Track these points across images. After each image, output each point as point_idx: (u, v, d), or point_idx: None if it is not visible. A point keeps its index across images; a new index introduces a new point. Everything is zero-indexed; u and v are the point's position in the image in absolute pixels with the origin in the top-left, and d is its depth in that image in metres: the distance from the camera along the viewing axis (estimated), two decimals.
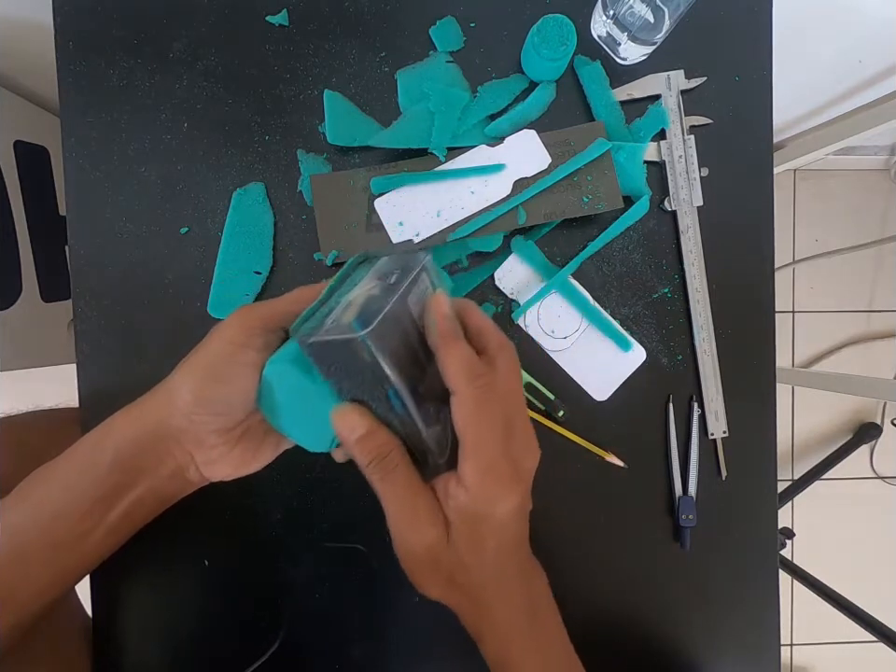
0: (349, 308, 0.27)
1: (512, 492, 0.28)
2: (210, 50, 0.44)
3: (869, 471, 1.24)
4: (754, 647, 0.46)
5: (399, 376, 0.26)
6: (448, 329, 0.28)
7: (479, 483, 0.27)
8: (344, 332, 0.25)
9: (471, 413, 0.27)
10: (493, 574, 0.29)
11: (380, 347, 0.25)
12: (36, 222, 0.71)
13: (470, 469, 0.27)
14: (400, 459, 0.28)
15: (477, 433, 0.27)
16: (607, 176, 0.42)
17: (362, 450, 0.27)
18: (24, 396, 0.62)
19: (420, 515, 0.28)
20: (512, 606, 0.30)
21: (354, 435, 0.27)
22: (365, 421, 0.27)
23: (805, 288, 1.23)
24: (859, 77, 0.77)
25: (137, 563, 0.44)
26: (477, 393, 0.27)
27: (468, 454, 0.27)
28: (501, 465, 0.27)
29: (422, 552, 0.28)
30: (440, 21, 0.43)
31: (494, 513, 0.28)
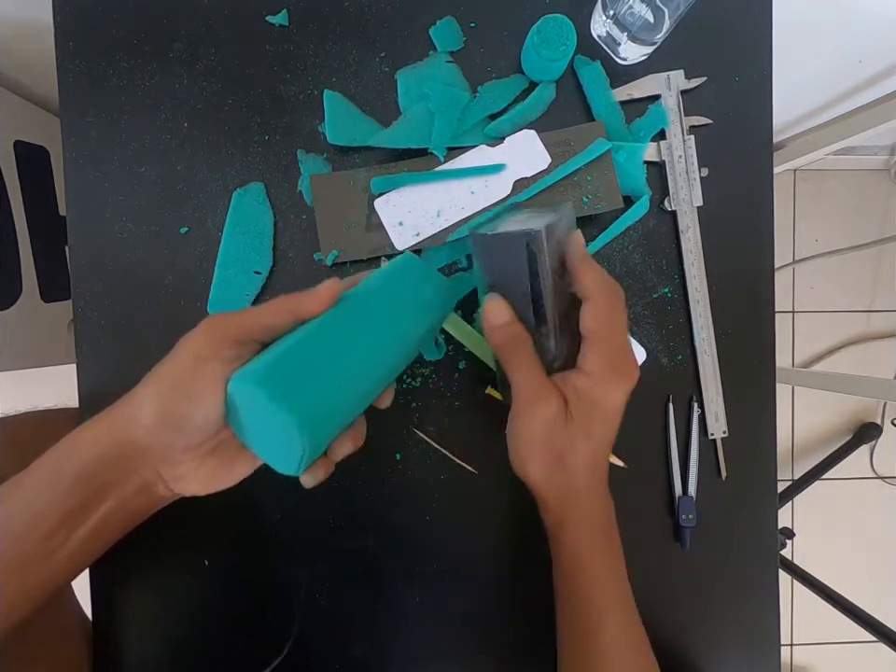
0: (515, 221, 0.32)
1: (625, 382, 0.32)
2: (210, 50, 0.44)
3: (869, 471, 1.24)
4: (754, 647, 0.46)
5: (549, 274, 0.30)
6: (585, 253, 0.32)
7: (601, 369, 0.31)
8: (521, 228, 0.30)
9: (602, 314, 0.31)
10: (591, 465, 0.33)
11: (544, 247, 0.30)
12: (36, 222, 0.71)
13: (596, 359, 0.31)
14: (531, 345, 0.32)
15: (605, 331, 0.31)
16: (607, 176, 0.42)
17: (504, 333, 0.32)
18: (24, 396, 0.62)
19: (545, 389, 0.32)
20: (597, 504, 0.34)
21: (499, 321, 0.32)
22: (509, 311, 0.32)
23: (805, 288, 1.23)
24: (859, 76, 0.77)
25: (137, 563, 0.44)
26: (608, 300, 0.31)
27: (594, 346, 0.31)
28: (620, 360, 0.32)
29: (541, 424, 0.31)
30: (440, 21, 0.43)
31: (608, 399, 0.31)
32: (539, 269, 0.30)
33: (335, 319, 0.30)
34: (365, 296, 0.32)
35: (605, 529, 0.35)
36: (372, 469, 0.44)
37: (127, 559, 0.43)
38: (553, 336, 0.33)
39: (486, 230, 0.31)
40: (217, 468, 0.31)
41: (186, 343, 0.29)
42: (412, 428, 0.44)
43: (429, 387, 0.44)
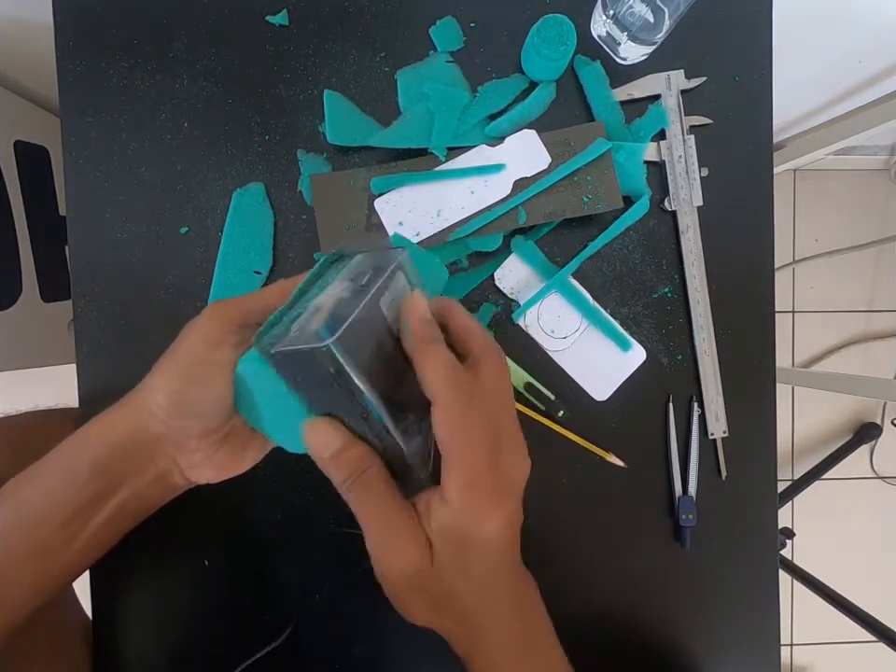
0: (316, 314, 0.25)
1: (499, 509, 0.26)
2: (210, 50, 0.44)
3: (869, 471, 1.24)
4: (754, 647, 0.46)
5: (371, 387, 0.24)
6: (425, 332, 0.26)
7: (463, 500, 0.25)
8: (309, 341, 0.23)
9: (453, 424, 0.25)
10: (481, 598, 0.27)
11: (349, 356, 0.23)
12: (36, 222, 0.71)
13: (453, 484, 0.25)
14: (378, 476, 0.26)
15: (459, 445, 0.25)
16: (607, 176, 0.42)
17: (337, 467, 0.25)
18: (24, 396, 0.62)
19: (401, 536, 0.25)
20: (504, 629, 0.28)
21: (327, 452, 0.25)
22: (338, 435, 0.25)
23: (805, 288, 1.23)
24: (859, 76, 0.77)
25: (137, 563, 0.44)
26: (458, 402, 0.25)
27: (450, 468, 0.25)
28: (487, 479, 0.25)
29: (403, 576, 0.26)
30: (440, 21, 0.43)
31: (480, 532, 0.25)
32: (357, 373, 0.23)
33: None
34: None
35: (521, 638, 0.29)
36: None
37: (127, 559, 0.43)
38: (413, 438, 0.26)
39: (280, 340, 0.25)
40: (230, 455, 0.31)
41: (193, 330, 0.29)
42: None
43: None
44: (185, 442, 0.29)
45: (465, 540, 0.25)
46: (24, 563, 0.30)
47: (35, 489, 0.30)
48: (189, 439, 0.29)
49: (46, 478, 0.30)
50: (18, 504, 0.30)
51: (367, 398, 0.24)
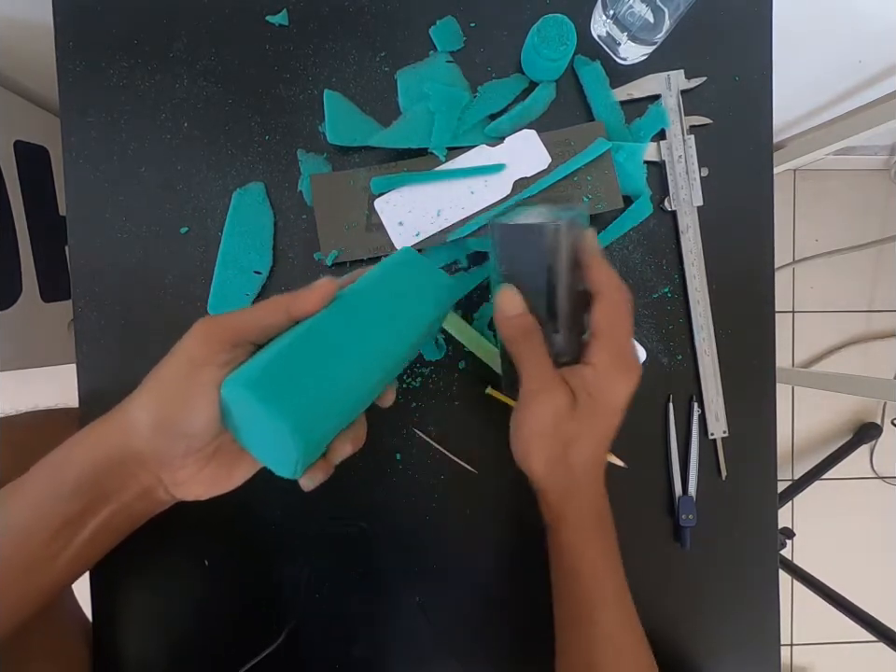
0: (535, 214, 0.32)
1: (631, 378, 0.32)
2: (210, 50, 0.44)
3: (869, 471, 1.24)
4: (754, 647, 0.46)
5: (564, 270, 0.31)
6: (598, 251, 0.32)
7: (608, 364, 0.31)
8: (542, 220, 0.30)
9: (612, 311, 0.32)
10: (592, 460, 0.34)
11: (563, 241, 0.30)
12: (36, 222, 0.71)
13: (603, 351, 0.31)
14: (540, 339, 0.32)
15: (614, 326, 0.32)
16: (607, 176, 0.42)
17: (516, 324, 0.32)
18: (24, 396, 0.62)
19: (554, 381, 0.32)
20: (596, 500, 0.35)
21: (511, 312, 0.32)
22: (521, 303, 0.32)
23: (805, 288, 1.23)
24: (859, 76, 0.77)
25: (137, 563, 0.44)
26: (619, 298, 0.32)
27: (602, 341, 0.32)
28: (627, 354, 0.32)
29: (549, 415, 0.32)
30: (440, 21, 0.43)
31: (614, 393, 0.32)
32: (556, 263, 0.31)
33: (330, 317, 0.30)
34: (361, 293, 0.32)
35: (602, 525, 0.35)
36: (372, 469, 0.44)
37: (127, 560, 0.43)
38: (562, 331, 0.33)
39: (506, 219, 0.32)
40: (218, 471, 0.31)
41: (180, 348, 0.29)
42: (412, 428, 0.44)
43: (429, 387, 0.44)
44: (169, 461, 0.29)
45: (602, 397, 0.32)
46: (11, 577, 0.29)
47: (20, 504, 0.30)
48: (173, 457, 0.29)
49: (31, 494, 0.30)
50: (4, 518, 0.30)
51: (560, 275, 0.31)
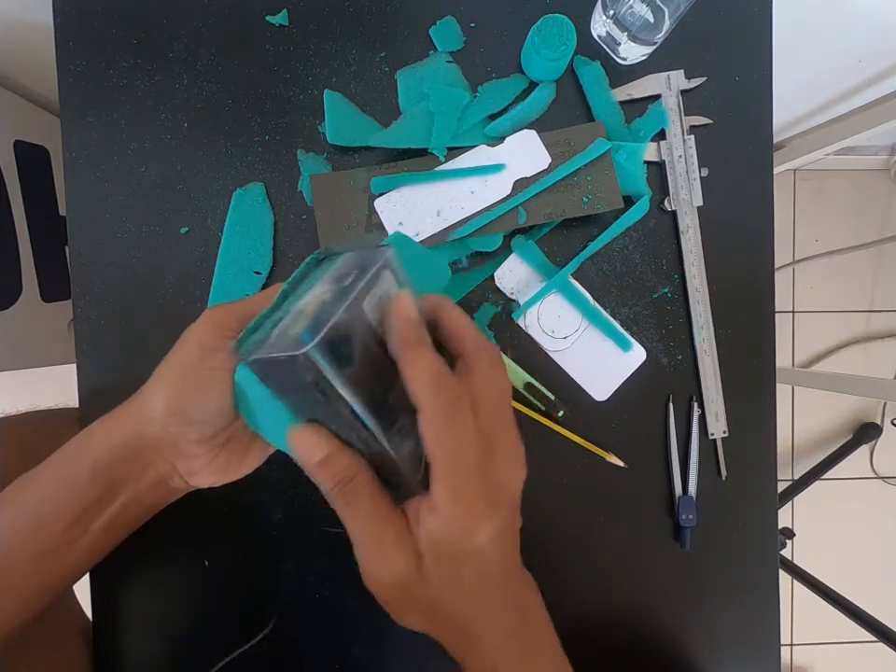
0: (298, 318, 0.24)
1: (490, 519, 0.24)
2: (210, 50, 0.44)
3: (869, 471, 1.24)
4: (754, 647, 0.46)
5: (356, 393, 0.23)
6: (409, 334, 0.24)
7: (450, 509, 0.24)
8: (288, 348, 0.22)
9: (439, 431, 0.23)
10: (473, 609, 0.26)
11: (330, 363, 0.22)
12: (36, 222, 0.71)
13: (441, 493, 0.24)
14: (365, 484, 0.25)
15: (446, 453, 0.24)
16: (607, 176, 0.42)
17: (324, 475, 0.25)
18: (24, 396, 0.62)
19: (387, 545, 0.25)
20: (499, 637, 0.27)
21: (313, 459, 0.24)
22: (324, 443, 0.24)
23: (805, 288, 1.23)
24: (859, 77, 0.77)
25: (137, 563, 0.44)
26: (444, 408, 0.23)
27: (437, 476, 0.24)
28: (475, 488, 0.24)
29: (391, 585, 0.25)
30: (440, 21, 0.43)
31: (468, 543, 0.24)
32: (336, 386, 0.22)
33: None
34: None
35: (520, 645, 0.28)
36: None
37: (127, 559, 0.43)
38: (403, 442, 0.25)
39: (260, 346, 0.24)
40: (230, 459, 0.31)
41: (190, 335, 0.29)
42: None
43: None
44: (183, 448, 0.29)
45: (453, 550, 0.25)
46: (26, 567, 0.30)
47: (35, 494, 0.30)
48: (188, 444, 0.29)
49: (47, 483, 0.31)
50: (19, 509, 0.30)
51: (351, 405, 0.23)
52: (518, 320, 0.44)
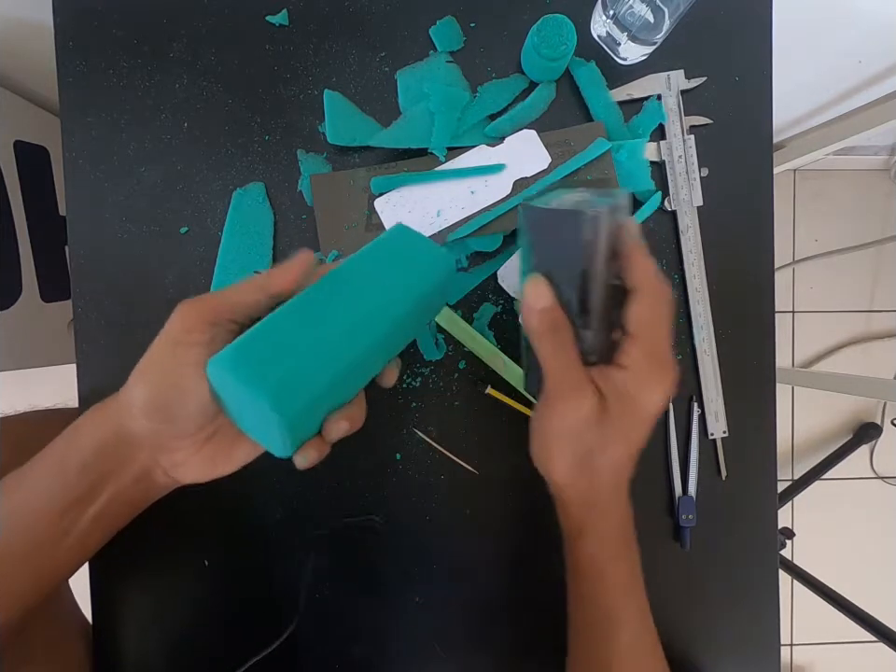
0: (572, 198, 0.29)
1: (666, 380, 0.29)
2: (210, 50, 0.43)
3: (869, 471, 1.24)
4: (754, 647, 0.46)
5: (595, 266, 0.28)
6: (641, 242, 0.30)
7: (643, 365, 0.29)
8: (579, 206, 0.27)
9: (652, 311, 0.29)
10: (618, 469, 0.31)
11: (603, 231, 0.27)
12: (36, 222, 0.71)
13: (639, 352, 0.29)
14: (569, 335, 0.29)
15: (652, 326, 0.29)
16: (607, 176, 0.42)
17: (543, 318, 0.29)
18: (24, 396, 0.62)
19: (583, 381, 0.29)
20: (620, 512, 0.32)
21: (539, 304, 0.29)
22: (550, 296, 0.29)
23: (805, 288, 1.23)
24: (859, 77, 0.77)
25: (137, 563, 0.44)
26: (660, 295, 0.29)
27: (638, 341, 0.29)
28: (664, 357, 0.29)
29: (574, 419, 0.29)
30: (440, 21, 0.43)
31: (647, 398, 0.29)
32: (592, 254, 0.28)
33: (317, 293, 0.29)
34: (350, 269, 0.31)
35: (626, 542, 0.33)
36: (372, 469, 0.44)
37: (127, 559, 0.43)
38: (594, 328, 0.30)
39: (541, 203, 0.29)
40: (216, 453, 0.30)
41: (164, 331, 0.29)
42: (412, 428, 0.44)
43: (429, 387, 0.44)
44: (163, 442, 0.29)
45: (635, 402, 0.29)
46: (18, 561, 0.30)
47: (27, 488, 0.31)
48: (167, 439, 0.29)
49: (38, 475, 0.31)
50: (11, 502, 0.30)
51: (596, 269, 0.28)
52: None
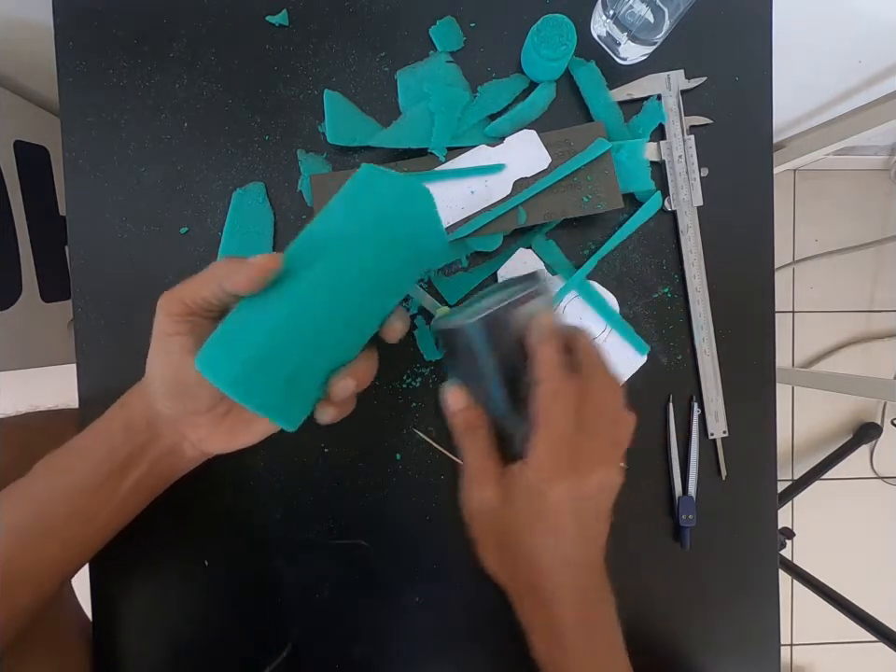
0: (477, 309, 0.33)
1: (566, 477, 0.30)
2: (210, 50, 0.43)
3: (869, 471, 1.24)
4: (754, 647, 0.46)
5: (494, 367, 0.31)
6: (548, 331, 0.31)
7: (540, 460, 0.30)
8: (459, 323, 0.31)
9: (549, 400, 0.30)
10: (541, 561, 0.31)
11: (481, 338, 0.30)
12: (36, 222, 0.71)
13: (536, 446, 0.30)
14: (483, 433, 0.33)
15: (550, 416, 0.30)
16: (607, 176, 0.42)
17: (459, 419, 0.33)
18: (24, 396, 0.62)
19: (487, 477, 0.32)
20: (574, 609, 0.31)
21: (457, 407, 0.33)
22: (464, 399, 0.33)
23: (805, 288, 1.23)
24: (859, 77, 0.77)
25: (137, 563, 0.44)
26: (557, 385, 0.30)
27: (536, 434, 0.30)
28: (564, 451, 0.30)
29: (482, 509, 0.32)
30: (440, 21, 0.43)
31: (548, 496, 0.30)
32: (482, 358, 0.31)
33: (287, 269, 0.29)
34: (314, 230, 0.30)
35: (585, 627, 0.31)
36: (372, 469, 0.44)
37: (127, 559, 0.43)
38: (510, 422, 0.33)
39: (443, 321, 0.33)
40: (235, 427, 0.33)
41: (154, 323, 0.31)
42: (412, 428, 0.44)
43: (429, 387, 0.44)
44: (186, 419, 0.32)
45: (538, 498, 0.30)
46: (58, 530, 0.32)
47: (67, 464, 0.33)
48: (185, 416, 0.32)
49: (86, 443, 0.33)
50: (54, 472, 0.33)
51: (488, 375, 0.31)
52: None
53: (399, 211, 0.31)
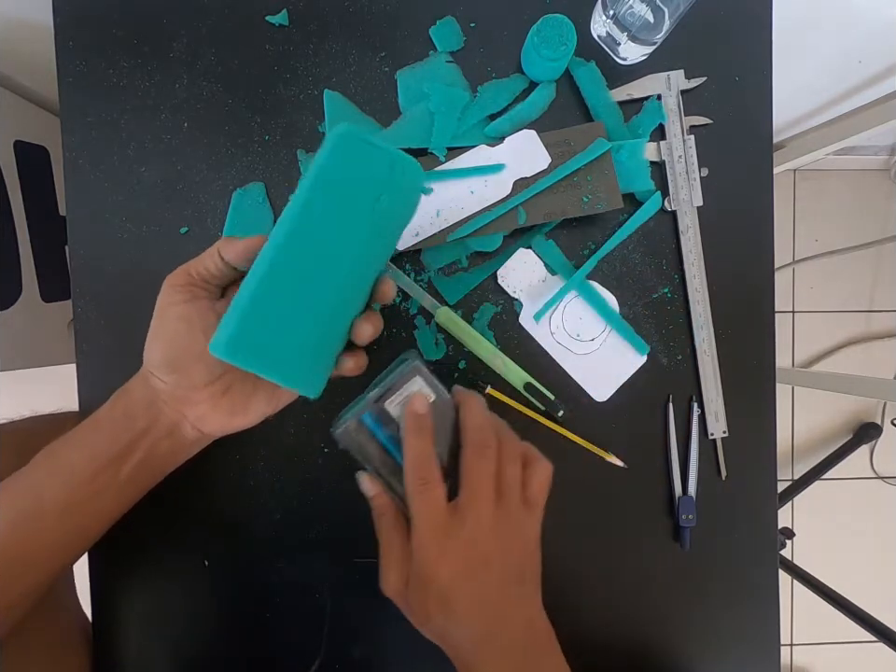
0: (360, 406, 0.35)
1: (439, 564, 0.31)
2: (210, 50, 0.43)
3: (869, 471, 1.24)
4: (754, 647, 0.46)
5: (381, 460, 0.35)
6: (411, 425, 0.33)
7: (417, 542, 0.32)
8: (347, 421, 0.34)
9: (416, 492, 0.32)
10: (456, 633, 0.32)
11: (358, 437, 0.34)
12: (36, 222, 0.71)
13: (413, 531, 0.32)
14: (393, 517, 0.34)
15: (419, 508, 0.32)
16: (606, 176, 0.42)
17: (372, 504, 0.35)
18: (24, 396, 0.62)
19: (395, 560, 0.33)
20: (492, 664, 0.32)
21: (369, 494, 0.35)
22: (374, 486, 0.35)
23: (805, 288, 1.23)
24: (859, 77, 0.77)
25: (137, 563, 0.44)
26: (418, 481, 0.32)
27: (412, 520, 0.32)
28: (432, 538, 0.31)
29: (392, 591, 0.33)
30: (440, 21, 0.43)
31: (432, 575, 0.31)
32: (370, 452, 0.35)
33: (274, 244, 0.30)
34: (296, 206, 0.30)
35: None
36: None
37: (127, 559, 0.43)
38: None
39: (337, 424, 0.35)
40: (233, 406, 0.33)
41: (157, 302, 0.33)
42: None
43: None
44: (184, 395, 0.32)
45: (425, 580, 0.31)
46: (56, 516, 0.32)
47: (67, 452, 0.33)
48: (187, 391, 0.32)
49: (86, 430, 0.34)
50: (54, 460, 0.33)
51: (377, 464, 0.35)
52: (538, 322, 0.44)
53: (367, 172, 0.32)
